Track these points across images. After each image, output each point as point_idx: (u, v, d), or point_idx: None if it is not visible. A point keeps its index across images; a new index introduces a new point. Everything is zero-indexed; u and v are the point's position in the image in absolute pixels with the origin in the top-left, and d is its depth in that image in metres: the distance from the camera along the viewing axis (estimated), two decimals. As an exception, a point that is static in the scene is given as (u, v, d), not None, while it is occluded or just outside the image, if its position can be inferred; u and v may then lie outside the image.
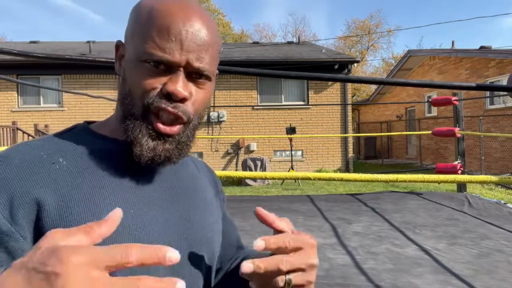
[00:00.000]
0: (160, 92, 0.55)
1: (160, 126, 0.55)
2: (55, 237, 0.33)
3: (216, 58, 0.61)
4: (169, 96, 0.55)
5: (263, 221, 0.51)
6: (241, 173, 2.40)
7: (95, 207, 0.52)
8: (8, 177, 0.50)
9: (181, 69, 0.55)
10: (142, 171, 0.59)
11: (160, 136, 0.56)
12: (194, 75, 0.57)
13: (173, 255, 0.33)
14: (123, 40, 0.62)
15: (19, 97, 10.80)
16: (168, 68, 0.55)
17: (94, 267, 0.30)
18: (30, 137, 9.31)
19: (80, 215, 0.50)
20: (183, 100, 0.56)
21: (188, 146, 0.60)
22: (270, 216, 0.51)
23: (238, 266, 0.70)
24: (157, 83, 0.55)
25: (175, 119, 0.56)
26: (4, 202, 0.48)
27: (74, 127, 0.64)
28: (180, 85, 0.54)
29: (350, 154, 11.36)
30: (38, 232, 0.48)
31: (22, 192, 0.49)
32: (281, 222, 0.52)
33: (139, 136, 0.55)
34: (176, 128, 0.56)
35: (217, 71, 0.66)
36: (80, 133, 0.62)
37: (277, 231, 0.51)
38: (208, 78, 0.58)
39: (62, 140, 0.59)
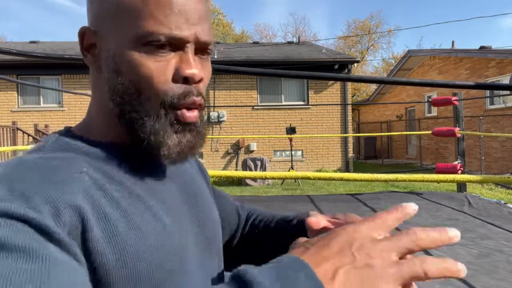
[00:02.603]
0: (173, 80, 0.48)
1: (186, 114, 0.49)
2: (360, 231, 0.35)
3: (211, 30, 0.53)
4: (186, 80, 0.48)
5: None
6: (241, 173, 2.40)
7: (135, 223, 0.45)
8: (41, 183, 0.40)
9: (189, 46, 0.48)
10: (158, 173, 0.53)
11: (182, 125, 0.49)
12: (199, 51, 0.50)
13: (454, 234, 0.34)
14: (90, 26, 0.51)
15: (19, 97, 10.80)
16: (174, 48, 0.47)
17: (396, 254, 0.33)
18: (30, 137, 9.31)
19: (123, 233, 0.43)
20: (199, 81, 0.49)
21: (205, 136, 0.54)
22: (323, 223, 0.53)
23: (266, 224, 0.71)
24: (168, 69, 0.47)
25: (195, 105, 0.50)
26: (49, 210, 0.37)
27: (57, 138, 0.50)
28: (194, 66, 0.48)
29: (350, 154, 11.36)
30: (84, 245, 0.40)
31: (63, 199, 0.39)
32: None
33: (165, 137, 0.48)
34: (195, 113, 0.50)
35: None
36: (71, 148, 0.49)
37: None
38: (209, 54, 0.52)
39: (66, 158, 0.46)
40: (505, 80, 9.97)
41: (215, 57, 11.06)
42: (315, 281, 0.31)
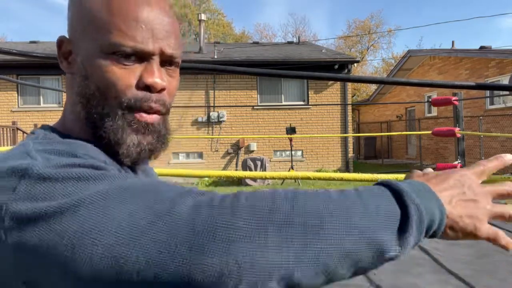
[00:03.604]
0: (136, 86, 0.51)
1: (142, 114, 0.52)
2: (468, 174, 0.47)
3: (180, 43, 0.57)
4: (148, 88, 0.51)
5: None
6: (241, 173, 2.39)
7: None
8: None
9: (154, 57, 0.51)
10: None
11: (142, 127, 0.53)
12: (166, 63, 0.54)
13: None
14: (67, 35, 0.56)
15: (19, 97, 10.80)
16: (140, 58, 0.51)
17: (492, 196, 0.46)
18: (30, 137, 9.30)
19: None
20: (161, 90, 0.53)
21: (167, 140, 0.57)
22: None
23: None
24: (132, 76, 0.51)
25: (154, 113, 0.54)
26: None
27: (36, 136, 0.53)
28: (157, 75, 0.51)
29: (350, 154, 11.36)
30: None
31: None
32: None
33: (124, 136, 0.51)
34: (154, 117, 0.54)
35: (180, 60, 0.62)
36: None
37: None
38: (177, 65, 0.56)
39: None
40: (505, 80, 9.97)
41: (215, 57, 11.06)
42: (440, 203, 0.42)
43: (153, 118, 0.53)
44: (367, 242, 0.37)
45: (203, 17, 12.95)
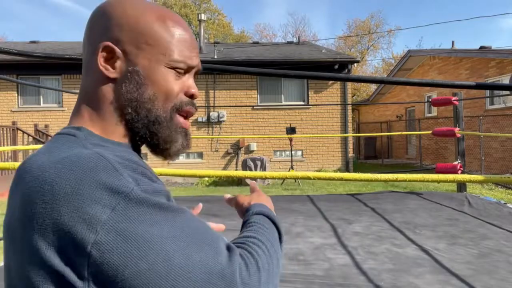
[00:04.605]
0: (185, 94, 0.64)
1: (186, 122, 0.65)
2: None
3: None
4: (192, 96, 0.65)
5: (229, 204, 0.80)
6: (241, 173, 2.39)
7: None
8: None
9: (193, 70, 0.65)
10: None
11: (184, 131, 0.65)
12: (196, 73, 0.67)
13: None
14: (113, 42, 0.59)
15: (19, 97, 10.80)
16: (186, 71, 0.64)
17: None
18: (30, 137, 9.31)
19: None
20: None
21: (191, 138, 0.70)
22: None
23: None
24: (182, 86, 0.64)
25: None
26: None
27: (92, 140, 0.57)
28: (196, 87, 0.66)
29: (350, 154, 11.36)
30: None
31: None
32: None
33: (177, 136, 0.63)
34: (188, 122, 0.67)
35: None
36: (114, 144, 0.59)
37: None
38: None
39: (122, 154, 0.55)
40: (505, 80, 9.97)
41: (215, 57, 11.06)
42: (270, 210, 0.69)
43: (188, 123, 0.66)
44: (278, 249, 0.62)
45: (203, 17, 12.95)
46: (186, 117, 0.65)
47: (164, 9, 0.64)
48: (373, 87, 22.95)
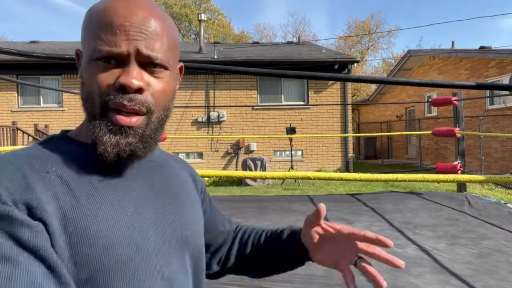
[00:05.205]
0: (114, 86, 0.54)
1: (119, 117, 0.55)
2: None
3: (174, 49, 0.60)
4: (124, 89, 0.54)
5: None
6: (241, 173, 2.40)
7: (91, 216, 0.52)
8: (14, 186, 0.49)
9: (133, 59, 0.55)
10: (122, 173, 0.60)
11: (121, 129, 0.55)
12: (149, 65, 0.56)
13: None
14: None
15: (19, 97, 10.80)
16: (120, 62, 0.55)
17: None
18: (30, 137, 9.31)
19: (79, 225, 0.51)
20: (140, 90, 0.55)
21: (154, 140, 0.59)
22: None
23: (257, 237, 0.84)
24: (111, 78, 0.55)
25: (134, 113, 0.56)
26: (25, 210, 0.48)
27: (52, 137, 0.62)
28: (133, 76, 0.54)
29: (350, 154, 11.36)
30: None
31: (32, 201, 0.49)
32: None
33: (100, 134, 0.55)
34: (135, 119, 0.56)
35: (181, 64, 0.67)
36: (60, 142, 0.60)
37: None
38: (164, 67, 0.58)
39: (47, 149, 0.57)
40: (505, 80, 9.97)
41: (215, 57, 11.06)
42: None
43: (132, 120, 0.56)
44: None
45: (203, 17, 12.96)
46: (126, 113, 0.55)
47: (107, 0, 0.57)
48: (373, 87, 22.95)
